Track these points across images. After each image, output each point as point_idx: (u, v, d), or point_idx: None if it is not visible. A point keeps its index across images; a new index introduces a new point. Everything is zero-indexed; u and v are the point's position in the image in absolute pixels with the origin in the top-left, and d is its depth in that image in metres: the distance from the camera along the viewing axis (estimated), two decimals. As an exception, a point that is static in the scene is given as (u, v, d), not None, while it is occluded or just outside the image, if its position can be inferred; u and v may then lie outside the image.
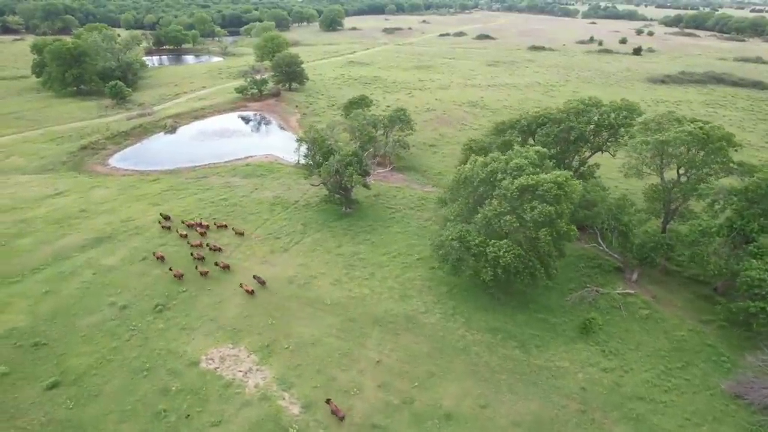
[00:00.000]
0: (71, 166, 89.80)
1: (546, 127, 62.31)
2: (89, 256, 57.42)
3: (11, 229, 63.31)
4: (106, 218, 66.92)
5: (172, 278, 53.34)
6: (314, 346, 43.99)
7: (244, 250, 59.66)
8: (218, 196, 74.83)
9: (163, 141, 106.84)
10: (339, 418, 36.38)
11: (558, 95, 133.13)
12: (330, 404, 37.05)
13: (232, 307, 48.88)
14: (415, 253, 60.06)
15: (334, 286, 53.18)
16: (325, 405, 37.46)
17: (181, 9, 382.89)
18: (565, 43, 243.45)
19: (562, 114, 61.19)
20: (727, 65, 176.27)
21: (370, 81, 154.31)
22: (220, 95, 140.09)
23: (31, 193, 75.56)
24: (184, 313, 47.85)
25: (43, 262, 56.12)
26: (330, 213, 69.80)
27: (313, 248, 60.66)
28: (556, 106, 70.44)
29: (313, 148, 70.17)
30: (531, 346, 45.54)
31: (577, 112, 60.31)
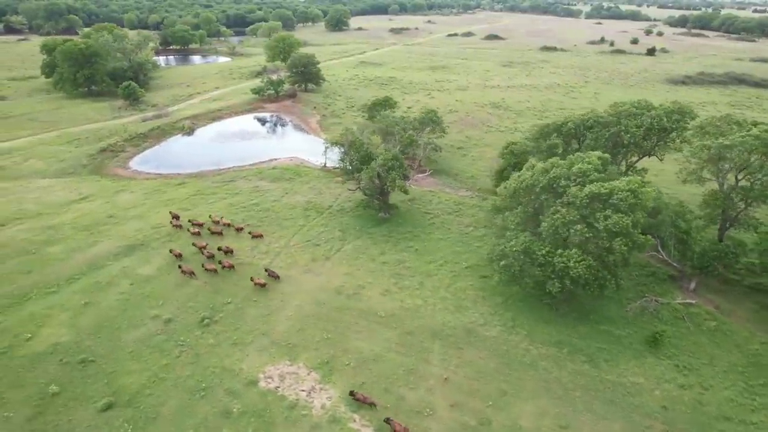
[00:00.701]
0: (92, 170, 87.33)
1: (595, 130, 60.16)
2: (124, 265, 55.02)
3: (40, 236, 60.87)
4: (136, 224, 64.54)
5: (214, 289, 51.05)
6: (376, 363, 41.72)
7: (285, 258, 57.34)
8: (249, 201, 72.49)
9: (182, 143, 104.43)
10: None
11: (579, 96, 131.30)
12: (391, 423, 34.75)
13: (283, 320, 46.56)
14: (461, 261, 57.90)
15: (385, 296, 50.93)
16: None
17: (185, 9, 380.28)
18: (576, 44, 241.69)
19: (612, 117, 59.03)
20: (744, 66, 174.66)
21: (387, 82, 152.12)
22: (235, 96, 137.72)
23: (55, 197, 73.10)
24: (232, 326, 45.49)
25: (78, 271, 53.72)
26: (367, 218, 67.55)
27: (356, 256, 58.40)
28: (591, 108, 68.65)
29: (350, 151, 67.86)
30: (600, 360, 43.37)
31: (629, 115, 58.15)
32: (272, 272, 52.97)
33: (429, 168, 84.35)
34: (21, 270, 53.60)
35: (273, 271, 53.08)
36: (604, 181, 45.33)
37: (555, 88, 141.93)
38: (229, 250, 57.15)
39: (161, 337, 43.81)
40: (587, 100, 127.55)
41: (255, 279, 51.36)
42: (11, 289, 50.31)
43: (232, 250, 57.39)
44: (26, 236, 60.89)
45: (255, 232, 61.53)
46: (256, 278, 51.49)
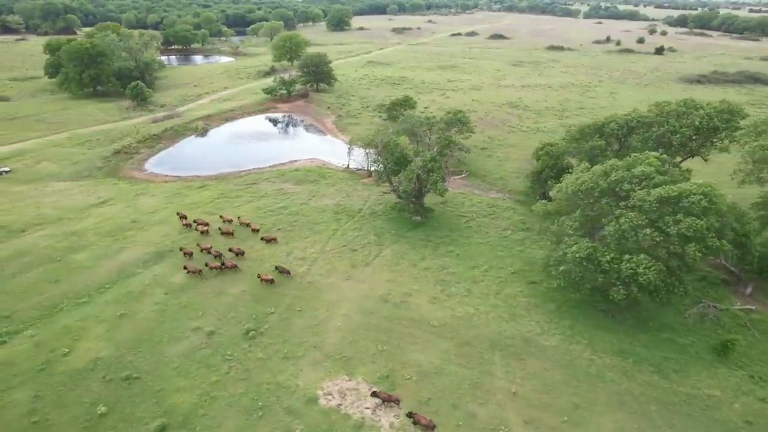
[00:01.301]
0: (108, 172, 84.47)
1: (640, 131, 58.13)
2: (155, 273, 52.38)
3: (63, 243, 58.11)
4: (161, 229, 61.92)
5: (253, 297, 48.57)
6: (438, 376, 39.41)
7: (324, 265, 54.90)
8: (276, 204, 69.99)
9: (197, 144, 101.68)
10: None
11: (596, 96, 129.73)
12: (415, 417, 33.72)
13: (333, 331, 44.14)
14: (506, 266, 55.74)
15: (433, 304, 48.64)
16: None
17: (183, 9, 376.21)
18: (582, 43, 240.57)
19: (659, 117, 57.03)
20: (755, 65, 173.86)
21: (398, 81, 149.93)
22: (245, 96, 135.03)
23: (73, 201, 70.26)
24: (280, 338, 43.02)
25: (108, 280, 51.06)
26: (401, 222, 65.23)
27: (396, 261, 56.07)
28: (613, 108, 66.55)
29: (384, 153, 65.56)
30: (668, 370, 41.27)
31: (678, 114, 56.16)
32: (283, 268, 52.08)
33: (465, 170, 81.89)
34: (48, 279, 50.88)
35: (284, 267, 52.21)
36: (668, 183, 43.32)
37: (570, 87, 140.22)
38: (240, 252, 55.41)
39: (206, 351, 41.26)
40: (605, 100, 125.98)
41: (262, 275, 50.41)
42: (40, 299, 47.62)
43: (243, 251, 55.64)
44: (49, 243, 58.11)
45: (268, 236, 59.23)
46: (263, 274, 50.56)
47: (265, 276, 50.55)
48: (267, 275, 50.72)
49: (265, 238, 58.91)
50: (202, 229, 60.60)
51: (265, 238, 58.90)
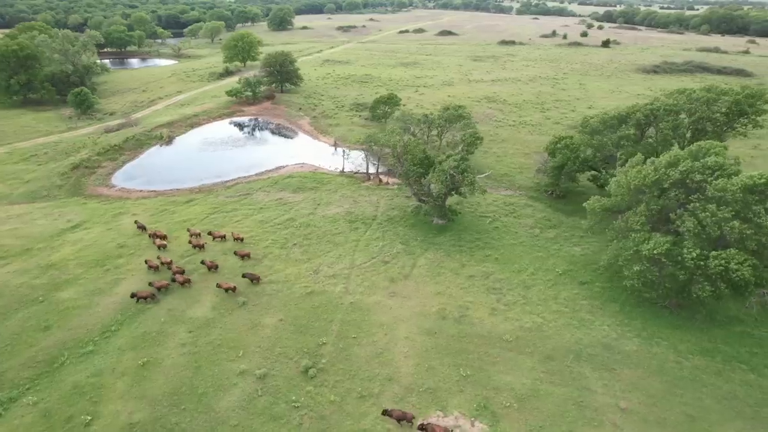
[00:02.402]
0: (70, 190, 73.42)
1: (669, 119, 56.85)
2: (168, 307, 44.46)
3: (41, 279, 48.45)
4: (157, 254, 53.37)
5: (295, 327, 42.08)
6: (537, 399, 35.11)
7: (360, 282, 49.11)
8: (281, 217, 63.03)
9: (166, 154, 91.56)
10: None
11: (567, 88, 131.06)
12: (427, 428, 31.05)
13: (402, 359, 38.69)
14: (551, 267, 52.46)
15: (495, 316, 44.35)
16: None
17: (107, 9, 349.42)
18: (530, 38, 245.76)
19: (689, 104, 55.96)
20: (694, 55, 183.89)
21: (366, 80, 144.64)
22: (205, 100, 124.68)
23: (38, 228, 59.69)
24: (346, 374, 37.05)
25: (111, 321, 42.60)
26: (423, 227, 60.52)
27: (437, 272, 51.29)
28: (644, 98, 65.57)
29: (405, 156, 60.56)
30: (761, 367, 39.29)
31: (707, 101, 55.30)
32: (252, 275, 47.84)
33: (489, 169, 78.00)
34: (35, 326, 41.72)
35: (252, 274, 48.03)
36: (738, 173, 41.53)
37: (539, 80, 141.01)
38: (214, 266, 49.91)
39: (265, 399, 34.57)
40: (577, 91, 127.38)
41: (222, 284, 45.97)
42: (32, 353, 38.67)
43: (216, 265, 50.16)
44: (22, 280, 48.25)
45: (241, 251, 52.63)
46: (224, 283, 46.10)
47: (225, 284, 45.76)
48: (228, 283, 46.08)
49: (238, 253, 52.41)
50: (160, 243, 54.23)
51: (239, 253, 52.37)
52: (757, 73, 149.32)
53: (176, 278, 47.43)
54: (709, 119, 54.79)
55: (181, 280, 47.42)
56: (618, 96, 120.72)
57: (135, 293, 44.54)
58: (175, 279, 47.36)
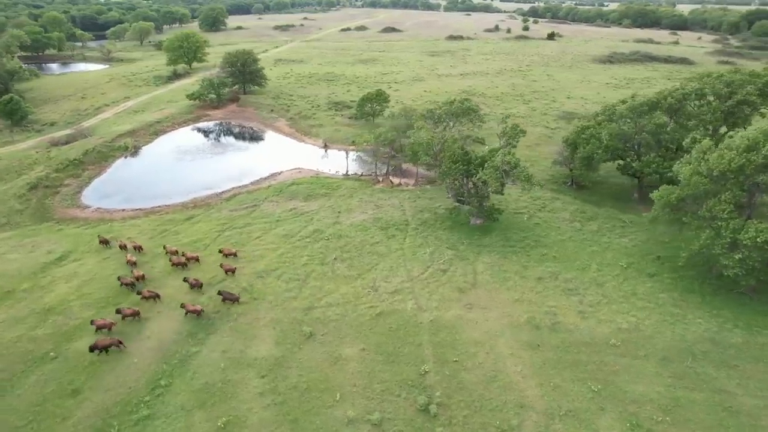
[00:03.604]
0: (35, 215, 61.88)
1: (703, 103, 56.44)
2: (222, 349, 37.02)
3: (43, 329, 39.00)
4: (177, 283, 45.19)
5: (384, 357, 36.35)
6: (683, 408, 32.00)
7: (427, 295, 43.97)
8: (304, 228, 56.35)
9: (137, 166, 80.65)
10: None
11: (538, 79, 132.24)
12: None
13: (520, 379, 34.20)
14: (612, 261, 50.16)
15: (587, 319, 41.04)
16: None
17: (7, 9, 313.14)
18: (475, 32, 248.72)
19: (721, 88, 55.78)
20: (634, 46, 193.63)
21: (332, 78, 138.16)
22: (162, 105, 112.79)
23: (12, 264, 48.96)
24: (470, 406, 32.00)
25: (157, 372, 34.62)
26: (461, 228, 56.44)
27: (502, 276, 47.25)
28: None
29: (443, 155, 56.05)
30: None
31: (741, 83, 55.31)
32: (229, 294, 41.99)
33: None
34: (59, 391, 32.93)
35: (230, 293, 42.14)
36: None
37: (506, 73, 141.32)
38: (198, 284, 44.07)
39: (391, 450, 28.73)
40: (548, 82, 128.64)
41: (188, 306, 40.21)
42: (69, 428, 30.06)
43: (201, 283, 44.26)
44: (18, 332, 38.59)
45: (227, 266, 46.60)
46: (188, 305, 40.38)
47: (191, 307, 40.04)
48: (195, 306, 40.34)
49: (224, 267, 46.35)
50: (131, 259, 48.13)
51: (225, 267, 46.30)
52: (697, 61, 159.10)
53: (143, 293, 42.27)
54: (746, 102, 54.88)
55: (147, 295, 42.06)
56: (589, 85, 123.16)
57: (93, 345, 35.90)
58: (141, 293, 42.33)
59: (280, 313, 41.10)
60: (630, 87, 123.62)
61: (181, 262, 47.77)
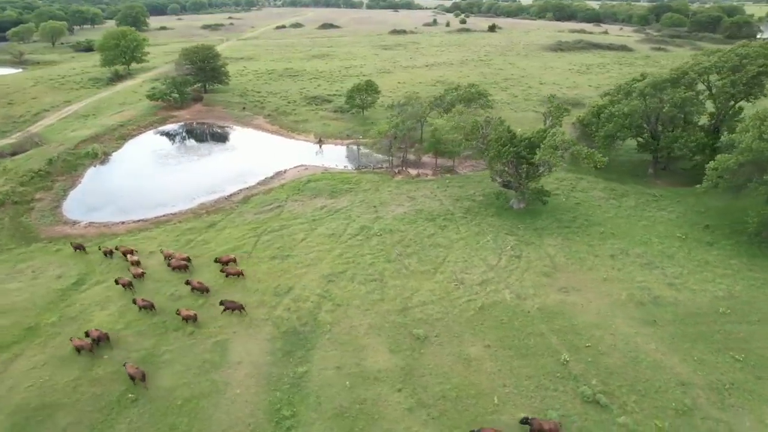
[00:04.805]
0: (15, 236, 51.96)
1: (724, 75, 58.44)
2: (336, 365, 32.30)
3: (101, 366, 32.10)
4: (244, 298, 39.34)
5: (514, 352, 33.44)
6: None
7: (516, 283, 41.52)
8: (348, 226, 51.92)
9: (116, 174, 70.99)
10: None
11: (504, 68, 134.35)
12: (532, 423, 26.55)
13: (661, 357, 32.63)
14: (667, 233, 50.40)
15: (680, 291, 40.41)
16: None
17: None
18: (416, 27, 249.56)
19: (738, 61, 58.04)
20: (571, 36, 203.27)
21: (294, 74, 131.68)
22: (115, 107, 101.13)
23: (21, 294, 40.34)
24: (633, 391, 29.94)
25: (272, 403, 29.40)
26: (508, 214, 54.74)
27: (576, 257, 45.81)
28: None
29: (490, 139, 53.79)
30: None
31: (755, 56, 57.74)
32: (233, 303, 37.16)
33: None
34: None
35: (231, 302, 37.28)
36: None
37: (470, 63, 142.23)
38: (204, 288, 39.62)
39: (588, 450, 25.94)
40: (513, 70, 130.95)
41: (182, 311, 36.31)
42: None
43: (208, 288, 39.76)
44: (74, 374, 31.34)
45: (230, 269, 42.02)
46: (183, 310, 36.51)
47: (185, 312, 36.07)
48: (188, 311, 36.30)
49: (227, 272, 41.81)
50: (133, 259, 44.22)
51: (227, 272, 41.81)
52: (635, 48, 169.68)
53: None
54: (765, 73, 57.44)
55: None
56: (553, 71, 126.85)
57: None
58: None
59: (376, 318, 36.77)
60: (590, 72, 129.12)
61: (181, 266, 42.78)
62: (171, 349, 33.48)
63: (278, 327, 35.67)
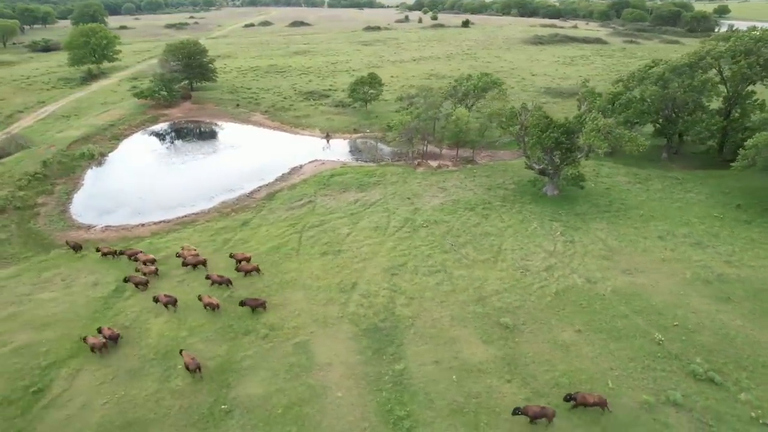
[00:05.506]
0: (28, 244, 47.44)
1: (741, 59, 59.92)
2: (433, 359, 30.66)
3: (180, 378, 29.20)
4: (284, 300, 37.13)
5: (607, 335, 32.76)
6: None
7: (580, 268, 41.03)
8: (390, 218, 50.30)
9: (119, 175, 66.35)
10: None
11: (491, 61, 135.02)
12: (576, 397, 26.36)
13: (750, 331, 32.71)
14: (704, 214, 51.37)
15: (740, 268, 41.00)
16: None
17: None
18: (389, 23, 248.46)
19: (753, 45, 59.72)
20: (542, 30, 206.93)
21: (281, 70, 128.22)
22: (97, 107, 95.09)
23: (59, 305, 36.67)
24: (743, 367, 29.75)
25: (381, 404, 27.55)
26: (544, 201, 54.45)
27: (627, 240, 45.81)
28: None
29: (529, 126, 53.18)
30: None
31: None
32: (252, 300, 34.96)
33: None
34: (279, 450, 24.39)
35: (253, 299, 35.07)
36: None
37: (457, 57, 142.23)
38: (225, 281, 38.13)
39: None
40: (501, 62, 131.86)
41: (205, 299, 35.21)
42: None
43: (229, 280, 38.19)
44: (152, 387, 28.48)
45: (244, 266, 39.80)
46: (206, 297, 35.33)
47: (207, 300, 35.05)
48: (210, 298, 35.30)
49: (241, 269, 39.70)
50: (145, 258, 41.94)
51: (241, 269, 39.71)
52: (609, 42, 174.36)
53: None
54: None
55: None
56: (541, 63, 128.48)
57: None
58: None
59: (455, 309, 35.31)
60: (575, 63, 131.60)
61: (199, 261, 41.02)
62: (249, 354, 30.91)
63: (357, 324, 33.65)
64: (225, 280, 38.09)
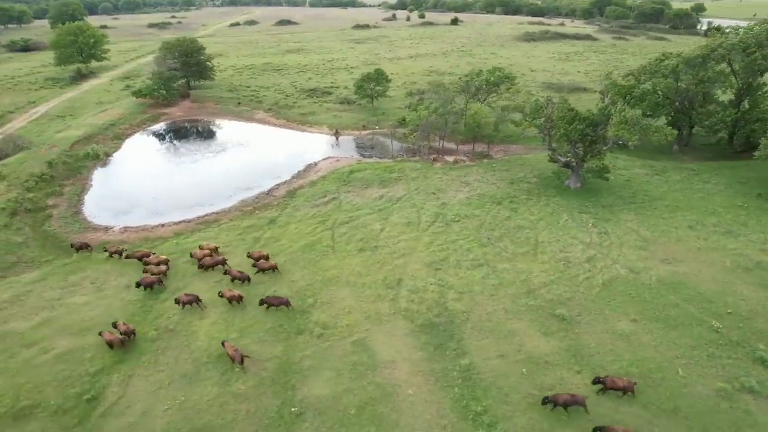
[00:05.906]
0: (46, 246, 45.49)
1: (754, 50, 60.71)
2: (498, 353, 30.13)
3: (241, 381, 28.09)
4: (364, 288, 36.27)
5: (664, 324, 32.64)
6: None
7: (620, 259, 40.93)
8: (420, 213, 49.64)
9: (129, 175, 64.32)
10: None
11: (488, 57, 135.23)
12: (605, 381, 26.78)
13: None
14: (727, 203, 51.82)
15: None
16: None
17: None
18: (377, 21, 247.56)
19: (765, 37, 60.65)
20: (532, 28, 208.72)
21: (278, 68, 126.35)
22: (91, 107, 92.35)
23: (95, 309, 35.18)
24: (803, 352, 29.86)
25: (455, 401, 26.96)
26: (569, 194, 54.32)
27: (660, 230, 45.87)
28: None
29: (554, 118, 53.03)
30: None
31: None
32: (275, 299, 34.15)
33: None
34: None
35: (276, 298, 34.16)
36: None
37: (453, 54, 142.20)
38: (245, 277, 37.29)
39: (801, 413, 25.38)
40: (497, 59, 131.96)
41: (226, 293, 34.72)
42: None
43: (248, 277, 37.41)
44: (214, 391, 27.34)
45: (262, 264, 38.64)
46: (227, 291, 34.90)
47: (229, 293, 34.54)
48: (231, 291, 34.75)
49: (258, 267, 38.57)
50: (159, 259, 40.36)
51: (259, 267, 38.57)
52: (599, 38, 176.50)
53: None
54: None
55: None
56: (538, 59, 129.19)
57: None
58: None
59: (507, 302, 34.81)
60: (571, 59, 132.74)
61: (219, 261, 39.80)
62: (308, 354, 29.90)
63: (412, 320, 32.86)
64: (244, 276, 37.11)
